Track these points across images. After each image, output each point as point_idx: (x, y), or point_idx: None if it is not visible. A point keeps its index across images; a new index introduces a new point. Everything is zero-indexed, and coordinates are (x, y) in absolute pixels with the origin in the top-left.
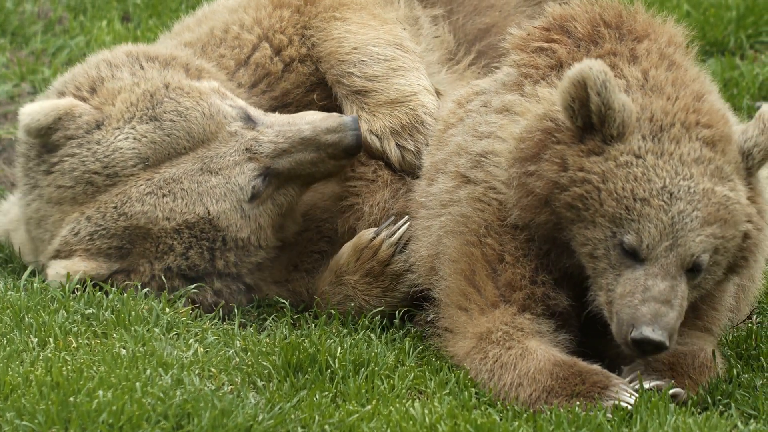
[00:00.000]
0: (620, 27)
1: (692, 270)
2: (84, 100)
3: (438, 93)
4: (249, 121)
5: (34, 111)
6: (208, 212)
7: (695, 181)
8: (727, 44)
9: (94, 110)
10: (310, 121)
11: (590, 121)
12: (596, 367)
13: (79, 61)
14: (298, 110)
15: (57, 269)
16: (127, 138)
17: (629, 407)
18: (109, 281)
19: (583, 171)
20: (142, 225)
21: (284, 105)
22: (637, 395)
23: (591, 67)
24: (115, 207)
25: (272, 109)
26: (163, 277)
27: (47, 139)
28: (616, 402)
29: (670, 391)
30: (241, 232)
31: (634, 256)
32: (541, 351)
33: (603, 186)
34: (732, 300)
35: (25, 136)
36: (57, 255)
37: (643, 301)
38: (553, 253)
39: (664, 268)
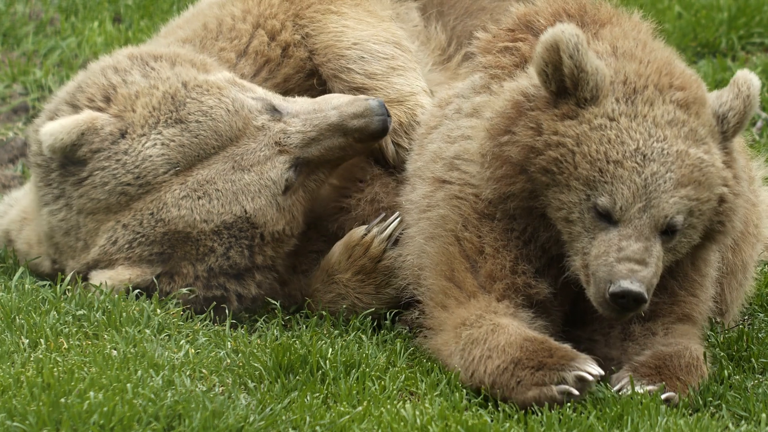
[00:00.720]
0: (583, 16)
1: (667, 232)
2: (100, 110)
3: (432, 93)
4: (274, 111)
5: (55, 131)
6: (245, 211)
7: (669, 143)
8: (718, 46)
9: (115, 119)
10: (336, 105)
11: (564, 85)
12: (566, 346)
13: (72, 62)
14: (300, 96)
15: (102, 279)
16: (155, 144)
17: (591, 378)
18: (154, 285)
19: (558, 134)
20: (181, 229)
21: (286, 91)
22: (602, 372)
23: (563, 30)
24: (152, 214)
25: None
26: (206, 277)
27: (72, 155)
28: (580, 373)
29: (663, 396)
30: (277, 225)
31: (607, 219)
32: (513, 326)
33: (577, 149)
34: (715, 289)
35: (49, 154)
36: (97, 265)
37: (618, 260)
38: (530, 228)
39: (637, 230)
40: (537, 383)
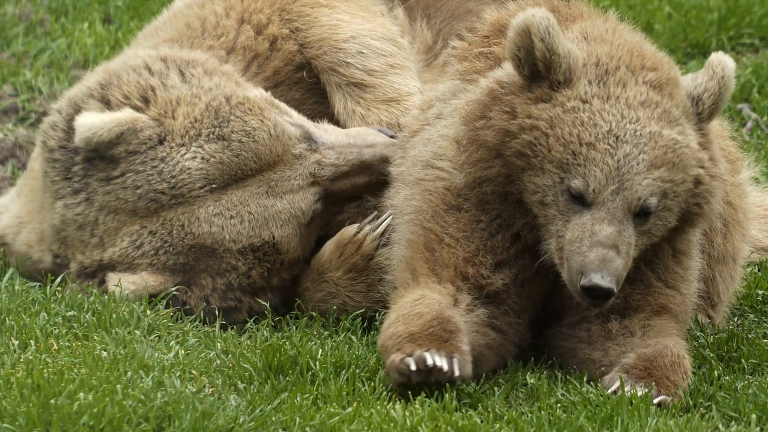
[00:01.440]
0: (554, 14)
1: (640, 215)
2: (138, 109)
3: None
4: (311, 141)
5: (95, 125)
6: (273, 237)
7: (642, 124)
8: (708, 46)
9: (154, 123)
10: (371, 143)
11: (537, 69)
12: (467, 347)
13: (62, 63)
14: (289, 89)
15: (124, 284)
16: (195, 158)
17: (429, 363)
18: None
19: (531, 118)
20: (209, 245)
21: (276, 84)
22: (445, 368)
23: (534, 14)
24: (182, 225)
25: (266, 90)
26: (224, 290)
27: (105, 152)
28: (424, 354)
29: (656, 400)
30: (296, 253)
31: (581, 201)
32: (435, 303)
33: (551, 132)
34: (703, 280)
35: (82, 146)
36: (114, 266)
37: (591, 246)
38: (505, 215)
39: (610, 213)
40: (400, 350)
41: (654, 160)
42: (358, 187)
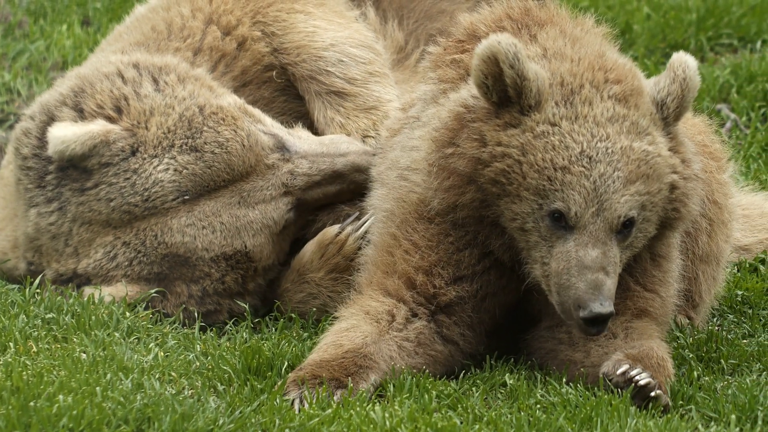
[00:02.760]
0: (524, 18)
1: (622, 231)
2: (111, 119)
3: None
4: (284, 150)
5: (68, 138)
6: (245, 246)
7: (612, 141)
8: (687, 47)
9: (127, 133)
10: (344, 152)
11: (506, 95)
12: (366, 385)
13: (40, 65)
14: (258, 88)
15: (100, 296)
16: (168, 169)
17: (296, 407)
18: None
19: (502, 145)
20: (182, 254)
21: (244, 84)
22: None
23: (499, 41)
24: (156, 236)
25: (234, 90)
26: (200, 296)
27: (78, 164)
28: (294, 396)
29: (653, 393)
30: (269, 260)
31: (563, 226)
32: (360, 336)
33: (523, 159)
34: (679, 284)
35: (54, 157)
36: (90, 278)
37: (579, 274)
38: (481, 237)
39: (593, 236)
40: (295, 382)
41: (629, 176)
42: (330, 196)
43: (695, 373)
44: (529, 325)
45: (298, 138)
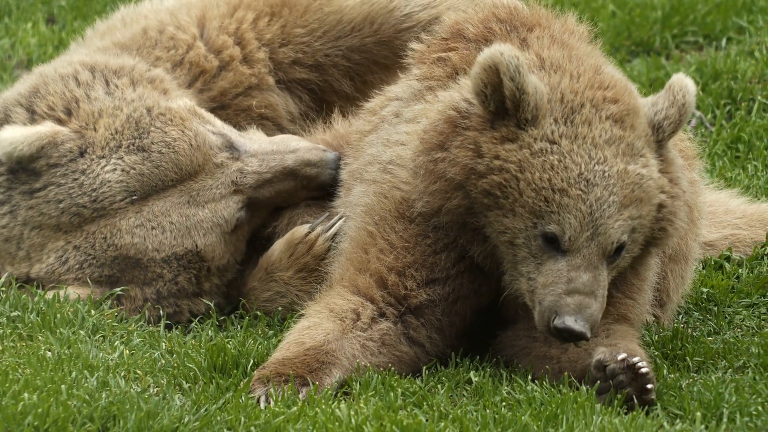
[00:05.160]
0: (512, 20)
1: (613, 255)
2: (61, 121)
3: None
4: (233, 149)
5: (15, 139)
6: (196, 245)
7: (609, 164)
8: (652, 44)
9: (75, 135)
10: (294, 149)
11: (503, 106)
12: (330, 380)
13: (5, 63)
14: (236, 114)
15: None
16: (115, 170)
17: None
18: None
19: (500, 159)
20: (132, 255)
21: (222, 106)
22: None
23: (502, 52)
24: (105, 238)
25: (210, 110)
26: (155, 298)
27: (27, 165)
28: (261, 394)
29: (649, 386)
30: (223, 260)
31: (555, 247)
32: (322, 334)
33: (521, 176)
34: (653, 293)
35: (4, 160)
36: (42, 284)
37: (568, 292)
38: (463, 241)
39: (586, 259)
40: (261, 380)
41: (623, 201)
42: (284, 194)
43: (662, 370)
44: (500, 327)
45: (249, 139)
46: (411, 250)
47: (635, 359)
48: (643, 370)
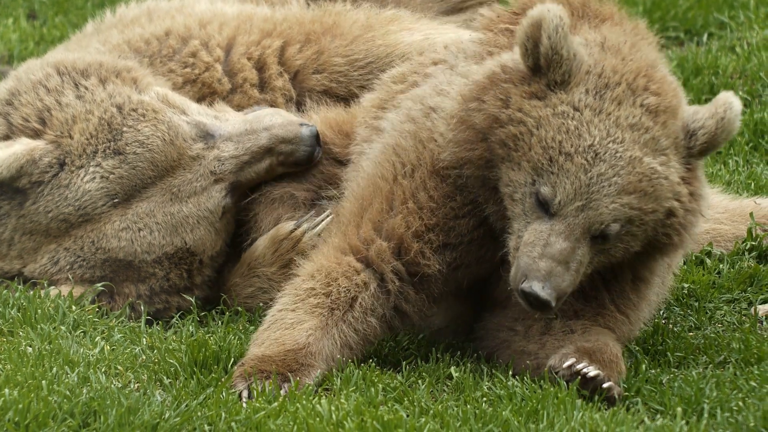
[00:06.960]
0: (585, 10)
1: (598, 238)
2: (36, 132)
3: None
4: (208, 137)
5: None
6: (185, 242)
7: (624, 147)
8: None
9: (52, 146)
10: (268, 126)
11: (538, 63)
12: (312, 380)
13: None
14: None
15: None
16: (94, 178)
17: (244, 399)
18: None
19: (522, 112)
20: (122, 258)
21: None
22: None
23: (549, 9)
24: (92, 242)
25: None
26: (148, 295)
27: (11, 185)
28: (244, 390)
29: (605, 384)
30: (214, 249)
31: (545, 209)
32: (304, 334)
33: (536, 132)
34: (650, 311)
35: None
36: (34, 282)
37: (542, 255)
38: (481, 198)
39: (569, 228)
40: (242, 376)
41: (626, 186)
42: (263, 172)
43: (642, 366)
44: (487, 311)
45: (224, 120)
46: (435, 212)
47: (581, 365)
48: (591, 374)
